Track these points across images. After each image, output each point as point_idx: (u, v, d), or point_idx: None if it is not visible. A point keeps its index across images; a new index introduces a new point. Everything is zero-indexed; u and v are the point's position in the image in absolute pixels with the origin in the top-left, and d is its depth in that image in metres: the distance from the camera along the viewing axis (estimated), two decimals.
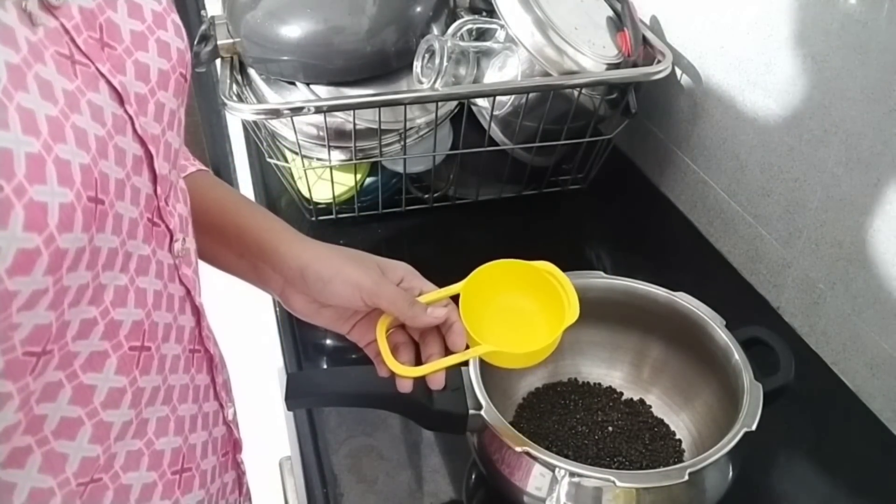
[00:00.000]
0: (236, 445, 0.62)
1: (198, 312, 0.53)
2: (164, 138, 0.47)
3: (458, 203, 1.06)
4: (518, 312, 0.61)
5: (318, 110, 0.88)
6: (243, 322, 1.58)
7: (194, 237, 0.56)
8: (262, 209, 0.66)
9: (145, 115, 0.45)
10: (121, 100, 0.43)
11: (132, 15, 0.46)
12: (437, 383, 0.58)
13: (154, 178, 0.46)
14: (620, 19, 1.00)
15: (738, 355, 0.67)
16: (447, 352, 0.58)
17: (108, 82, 0.42)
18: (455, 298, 0.59)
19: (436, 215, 1.05)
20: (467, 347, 0.58)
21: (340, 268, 0.57)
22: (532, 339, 0.59)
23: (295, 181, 1.04)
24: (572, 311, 0.58)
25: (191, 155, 0.66)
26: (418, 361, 0.59)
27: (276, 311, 0.94)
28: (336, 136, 0.95)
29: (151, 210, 0.47)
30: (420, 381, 0.59)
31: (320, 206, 1.03)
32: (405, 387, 0.58)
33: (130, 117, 0.44)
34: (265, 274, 0.61)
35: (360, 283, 0.57)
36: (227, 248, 0.62)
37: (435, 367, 0.57)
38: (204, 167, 0.66)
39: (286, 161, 1.03)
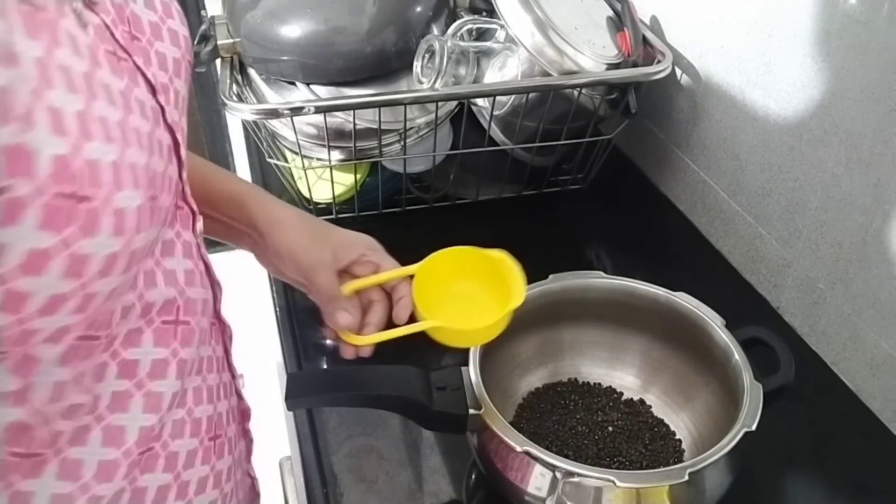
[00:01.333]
0: (244, 414, 0.63)
1: (215, 285, 0.55)
2: (181, 124, 0.49)
3: (458, 203, 1.06)
4: (469, 296, 0.65)
5: (318, 110, 0.88)
6: (243, 322, 1.58)
7: None
8: (229, 173, 0.69)
9: (169, 104, 0.46)
10: (153, 91, 0.44)
11: (147, 5, 0.47)
12: (365, 352, 0.63)
13: (180, 163, 0.48)
14: (620, 19, 1.00)
15: (738, 355, 0.67)
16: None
17: (143, 74, 0.44)
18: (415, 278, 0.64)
19: (436, 215, 1.05)
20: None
21: (293, 245, 0.62)
22: (478, 320, 0.63)
23: (295, 181, 1.04)
24: (517, 297, 0.62)
25: None
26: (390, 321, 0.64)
27: (275, 311, 0.94)
28: (336, 136, 0.95)
29: (176, 195, 0.48)
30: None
31: (320, 206, 1.03)
32: (346, 353, 0.63)
33: (161, 107, 0.45)
34: (237, 233, 0.65)
35: (301, 265, 0.61)
36: (200, 212, 0.64)
37: (381, 338, 0.63)
38: None
39: (286, 161, 1.03)
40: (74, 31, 0.37)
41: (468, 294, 0.65)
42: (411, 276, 0.63)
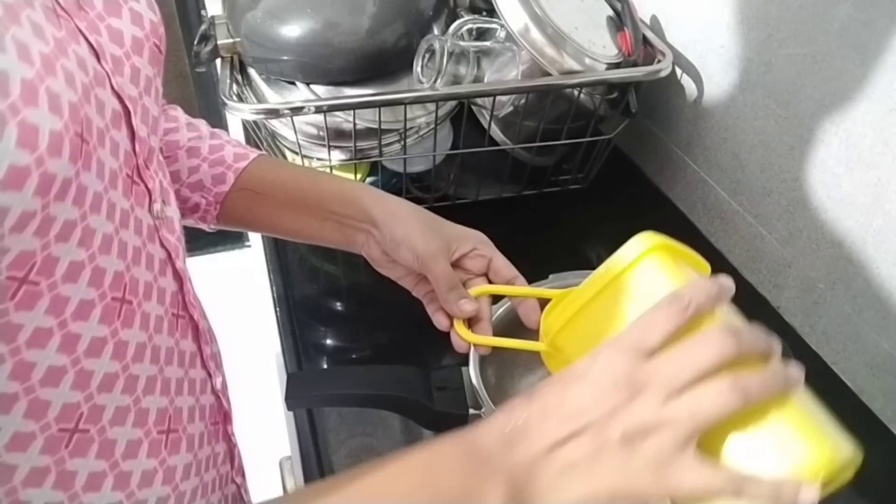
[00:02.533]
0: (226, 417, 0.62)
1: (180, 277, 0.54)
2: (141, 102, 0.49)
3: (459, 203, 1.06)
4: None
5: (318, 110, 0.88)
6: (244, 322, 1.58)
7: (270, 217, 0.65)
8: (333, 175, 0.72)
9: (121, 75, 0.47)
10: (97, 56, 0.45)
11: None
12: (482, 350, 0.64)
13: (132, 136, 0.48)
14: (620, 19, 1.00)
15: None
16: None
17: (86, 39, 0.44)
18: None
19: (436, 215, 1.05)
20: None
21: (410, 233, 0.63)
22: None
23: None
24: None
25: (245, 144, 0.71)
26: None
27: (276, 312, 0.94)
28: (336, 136, 0.95)
29: (131, 167, 0.48)
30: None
31: None
32: (460, 347, 0.63)
33: (107, 74, 0.45)
34: (350, 229, 0.66)
35: (419, 253, 0.62)
36: (310, 214, 0.67)
37: (496, 343, 0.62)
38: (263, 152, 0.71)
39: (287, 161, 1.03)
40: None
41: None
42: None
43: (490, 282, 0.64)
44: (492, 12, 0.98)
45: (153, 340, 0.50)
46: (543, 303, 0.62)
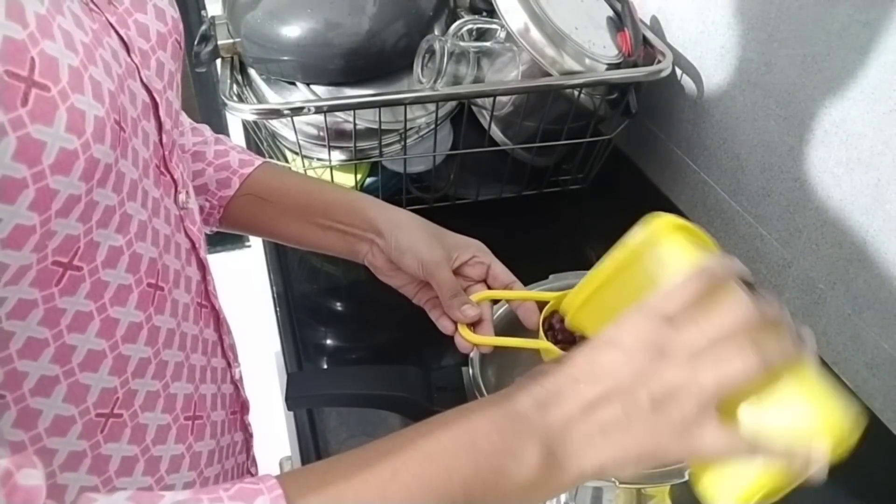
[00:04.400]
0: (244, 406, 0.64)
1: (203, 267, 0.55)
2: (165, 95, 0.50)
3: (458, 203, 1.06)
4: None
5: (319, 110, 0.88)
6: (244, 322, 1.58)
7: (273, 223, 0.67)
8: (337, 185, 0.74)
9: (148, 69, 0.48)
10: (127, 50, 0.46)
11: None
12: (484, 350, 0.65)
13: (159, 127, 0.49)
14: (621, 19, 1.00)
15: None
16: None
17: (117, 32, 0.46)
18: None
19: (436, 215, 1.04)
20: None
21: (415, 242, 0.64)
22: None
23: None
24: None
25: (249, 151, 0.72)
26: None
27: (276, 312, 0.94)
28: (336, 136, 0.95)
29: (159, 158, 0.50)
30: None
31: None
32: (464, 348, 0.64)
33: (137, 66, 0.47)
34: (353, 238, 0.67)
35: (424, 261, 0.63)
36: (314, 223, 0.68)
37: (499, 342, 0.63)
38: (267, 159, 0.73)
39: (286, 161, 1.03)
40: None
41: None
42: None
43: (489, 287, 0.65)
44: (492, 12, 0.98)
45: (181, 328, 0.51)
46: (541, 304, 0.63)
